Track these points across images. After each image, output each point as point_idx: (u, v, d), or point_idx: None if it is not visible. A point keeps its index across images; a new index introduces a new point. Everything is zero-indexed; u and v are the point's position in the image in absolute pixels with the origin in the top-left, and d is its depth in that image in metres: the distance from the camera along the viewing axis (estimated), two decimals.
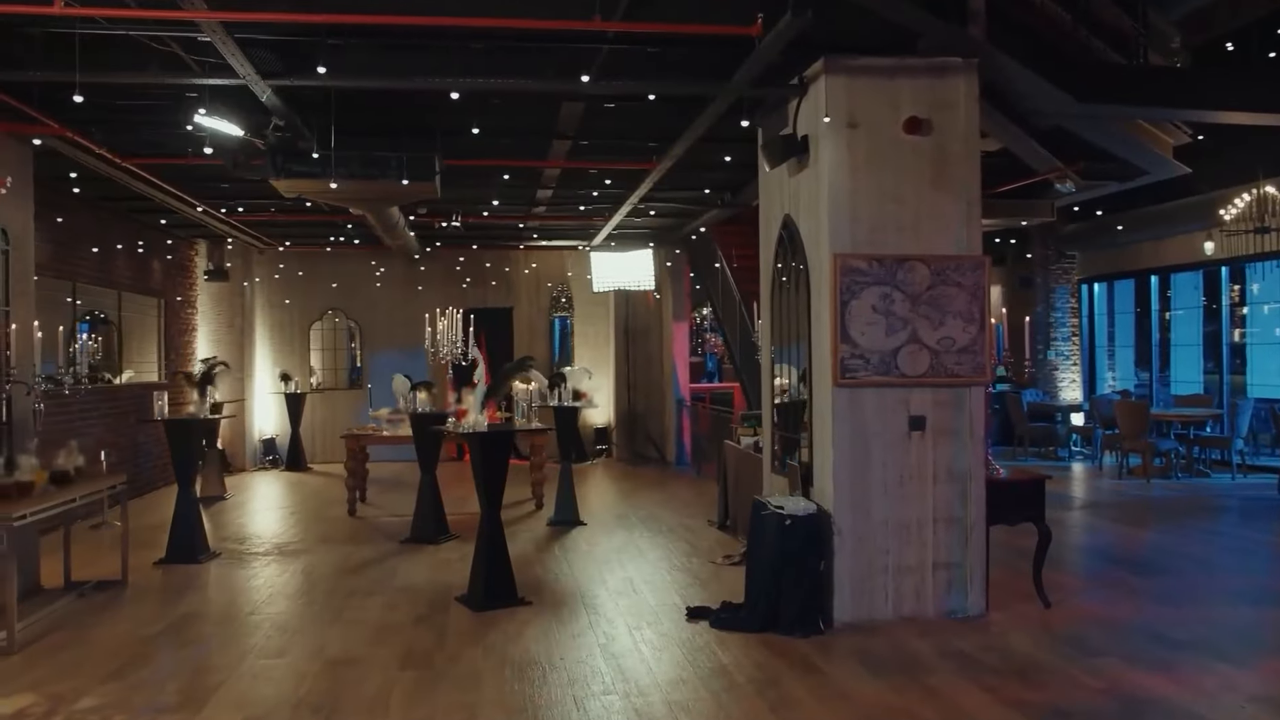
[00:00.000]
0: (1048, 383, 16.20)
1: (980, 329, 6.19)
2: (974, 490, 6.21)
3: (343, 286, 16.19)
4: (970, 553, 6.20)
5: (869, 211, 6.12)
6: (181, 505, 8.50)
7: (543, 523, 10.10)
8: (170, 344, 13.92)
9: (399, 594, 7.19)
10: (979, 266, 6.21)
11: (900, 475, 6.14)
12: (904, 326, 6.10)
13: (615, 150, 8.83)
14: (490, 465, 6.80)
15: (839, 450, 6.09)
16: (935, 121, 6.18)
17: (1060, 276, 16.38)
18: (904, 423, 6.14)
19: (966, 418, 6.20)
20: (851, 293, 6.05)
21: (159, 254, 13.37)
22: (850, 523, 6.09)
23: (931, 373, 6.13)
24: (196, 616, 6.63)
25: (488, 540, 6.82)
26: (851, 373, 6.05)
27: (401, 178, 7.59)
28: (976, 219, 6.25)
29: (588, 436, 16.43)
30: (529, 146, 8.64)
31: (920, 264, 6.12)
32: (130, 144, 8.02)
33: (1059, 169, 9.13)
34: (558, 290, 16.88)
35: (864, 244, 6.11)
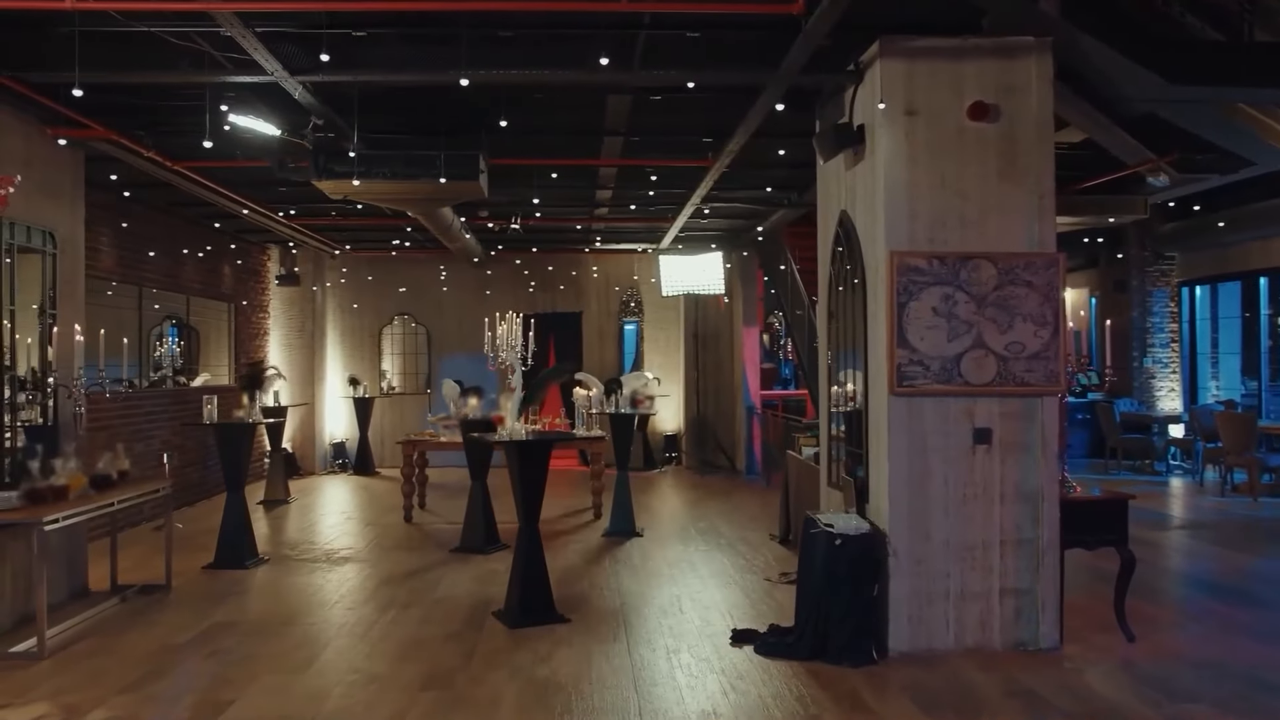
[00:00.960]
0: (1144, 392, 15.22)
1: (1054, 333, 5.64)
2: (1046, 510, 5.65)
3: (411, 291, 16.21)
4: (1042, 579, 5.64)
5: (929, 206, 5.63)
6: (230, 510, 8.44)
7: (598, 533, 9.78)
8: (241, 348, 14.08)
9: (436, 607, 6.96)
10: (1052, 265, 5.65)
11: (963, 493, 5.63)
12: (968, 330, 5.59)
13: (669, 147, 8.47)
14: (527, 475, 6.50)
15: (895, 465, 5.61)
16: (1003, 107, 5.65)
17: (1158, 279, 15.39)
18: (968, 435, 5.63)
19: (1038, 431, 5.65)
20: (910, 294, 5.57)
21: (229, 259, 13.53)
22: (907, 543, 5.60)
23: (999, 381, 5.61)
24: (229, 625, 6.49)
25: (525, 554, 6.52)
26: (909, 380, 5.57)
27: (444, 176, 7.37)
28: (1050, 213, 5.70)
29: (657, 444, 16.11)
30: (579, 144, 8.35)
31: (986, 262, 5.60)
32: (180, 148, 8.00)
33: (1150, 161, 8.42)
34: (627, 294, 16.59)
35: (923, 241, 5.62)
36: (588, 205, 11.25)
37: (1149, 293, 15.36)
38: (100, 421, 9.79)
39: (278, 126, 6.78)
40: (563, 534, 9.86)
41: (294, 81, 5.97)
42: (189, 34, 5.49)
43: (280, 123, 6.90)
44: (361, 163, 7.43)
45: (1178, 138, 8.02)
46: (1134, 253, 15.30)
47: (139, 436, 10.63)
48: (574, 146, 8.41)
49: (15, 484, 6.18)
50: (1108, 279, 15.96)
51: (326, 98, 6.66)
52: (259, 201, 10.42)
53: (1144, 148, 8.10)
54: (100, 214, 9.94)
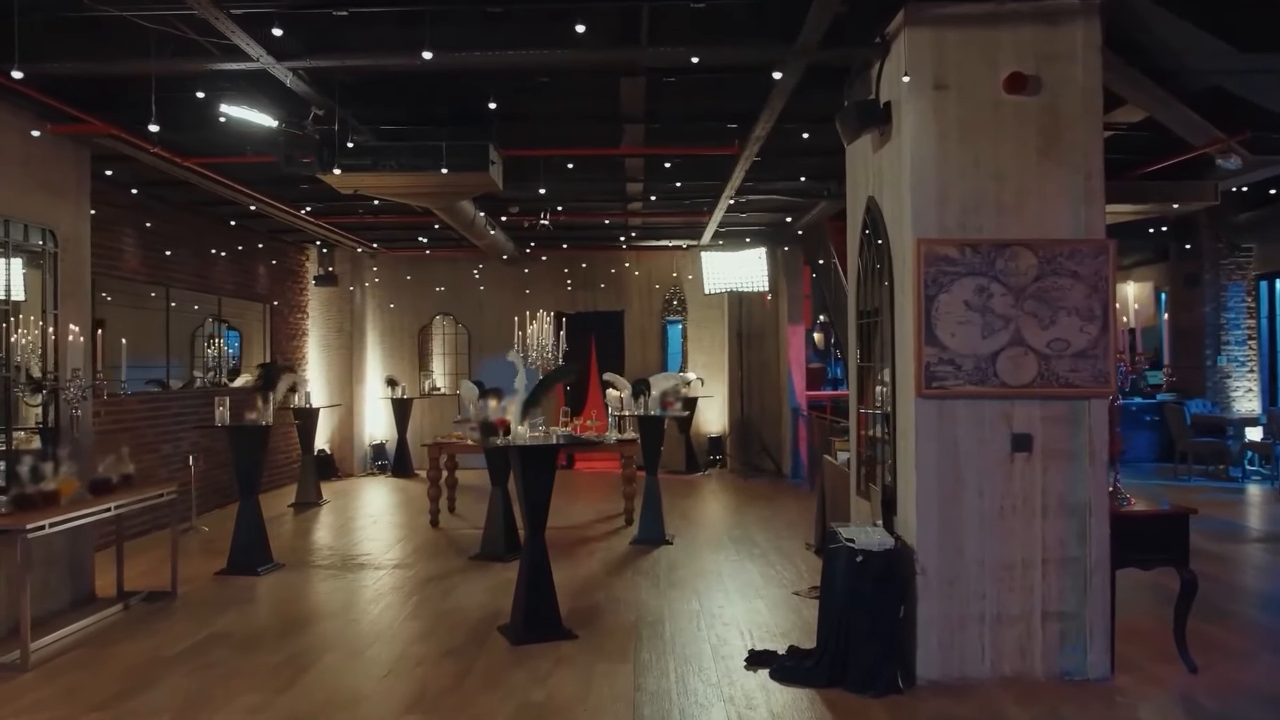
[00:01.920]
0: (1218, 392, 14.29)
1: (1103, 329, 5.07)
2: (1095, 525, 5.09)
3: (450, 290, 15.98)
4: (1090, 601, 5.08)
5: (961, 188, 5.10)
6: (243, 515, 8.23)
7: (626, 541, 9.37)
8: (278, 348, 13.99)
9: (441, 619, 6.62)
10: (1101, 253, 5.08)
11: (1000, 506, 5.09)
12: (1004, 326, 5.05)
13: (692, 135, 8.03)
14: (531, 482, 6.12)
15: (923, 474, 5.09)
16: (1045, 78, 5.10)
17: (1233, 272, 14.44)
18: (1005, 442, 5.09)
19: (1085, 437, 5.09)
20: (939, 285, 5.05)
21: (263, 259, 13.43)
22: (937, 561, 5.08)
23: (1040, 382, 5.06)
24: (225, 637, 6.23)
25: (530, 566, 6.14)
26: (939, 381, 5.05)
27: (450, 167, 7.03)
28: (1098, 195, 5.13)
29: (701, 446, 15.65)
30: (596, 133, 7.95)
31: (1025, 250, 5.05)
32: (190, 144, 7.80)
33: (1219, 141, 7.72)
34: (670, 293, 16.15)
35: (954, 228, 5.09)
36: (619, 199, 10.85)
37: (1223, 287, 14.42)
38: (123, 424, 9.70)
39: (275, 117, 6.50)
40: (590, 540, 9.48)
41: (281, 68, 5.68)
42: (168, 19, 5.22)
43: (280, 114, 6.62)
44: (367, 155, 7.13)
45: (1250, 114, 7.32)
46: (1206, 244, 14.38)
47: (166, 438, 10.53)
48: (592, 136, 8.01)
49: (7, 489, 5.99)
50: (1178, 273, 15.04)
51: (323, 86, 6.37)
52: (280, 199, 10.23)
53: (1211, 126, 7.41)
54: (123, 214, 9.86)
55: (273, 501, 12.32)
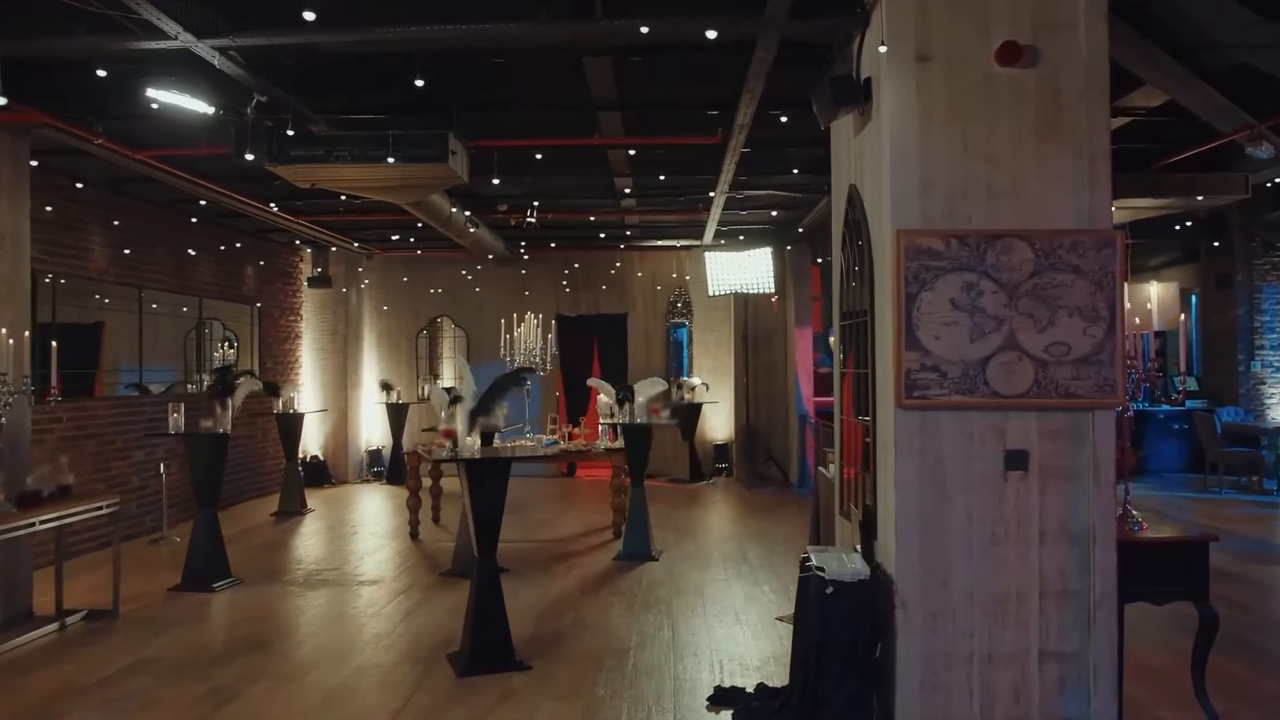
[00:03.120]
0: (1251, 399, 13.53)
1: (1109, 331, 4.47)
2: (1100, 554, 4.48)
3: (448, 292, 15.53)
4: (1095, 640, 4.47)
5: (947, 173, 4.52)
6: (199, 528, 7.78)
7: (610, 556, 8.83)
8: (268, 351, 13.60)
9: (391, 645, 6.12)
10: (1107, 245, 4.48)
11: (991, 531, 4.50)
12: (996, 328, 4.47)
13: (672, 124, 7.49)
14: (480, 500, 5.60)
15: (903, 495, 4.52)
16: (1043, 49, 4.51)
17: (1268, 273, 13.66)
18: (997, 459, 4.50)
19: (1088, 454, 4.49)
20: (921, 282, 4.48)
21: (250, 259, 13.03)
22: (919, 593, 4.50)
23: (1037, 391, 4.47)
24: (153, 663, 5.76)
25: (479, 592, 5.63)
26: (921, 390, 4.47)
27: (409, 158, 6.54)
28: (1104, 181, 4.53)
29: (706, 454, 15.09)
30: (569, 121, 7.43)
31: (1020, 242, 4.47)
32: (138, 134, 7.37)
33: (1248, 126, 7.08)
34: (674, 294, 15.60)
35: (939, 217, 4.52)
36: (609, 196, 10.32)
37: (1257, 288, 13.65)
38: (87, 430, 9.31)
39: (215, 104, 6.04)
40: (572, 555, 8.95)
41: (205, 47, 5.21)
42: None
43: (223, 101, 6.16)
44: (319, 145, 6.66)
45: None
46: (1240, 243, 13.62)
47: (139, 445, 10.12)
48: (564, 124, 7.49)
49: None
50: (1209, 274, 14.27)
51: (262, 70, 5.89)
52: (247, 194, 9.77)
53: (1239, 109, 6.77)
54: (88, 211, 9.47)
55: (255, 510, 11.94)
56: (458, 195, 9.94)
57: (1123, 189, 8.59)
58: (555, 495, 13.11)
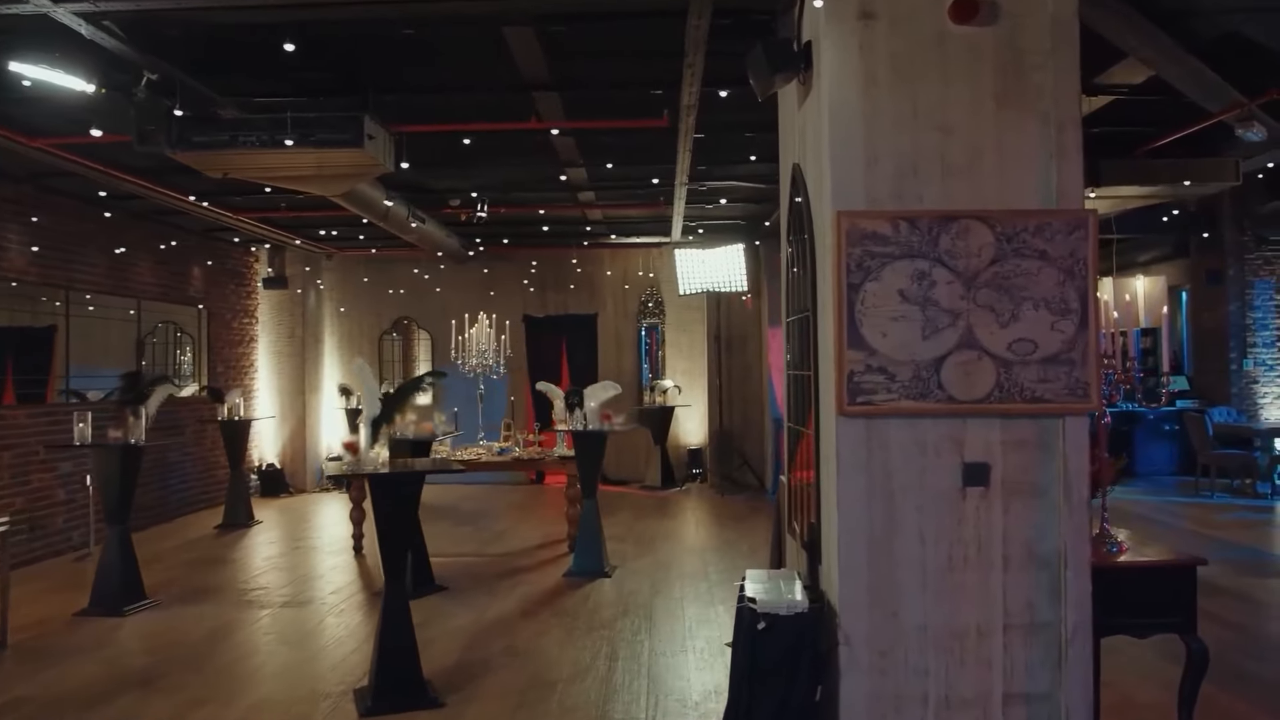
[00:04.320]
0: (1244, 399, 13.00)
1: (1081, 325, 3.90)
2: (1072, 580, 3.91)
3: (410, 293, 14.94)
4: (1067, 679, 3.90)
5: (895, 146, 3.95)
6: (109, 548, 7.18)
7: (560, 572, 8.24)
8: (218, 356, 12.99)
9: (299, 678, 5.54)
10: (1078, 227, 3.91)
11: (948, 555, 3.93)
12: (952, 323, 3.90)
13: (614, 106, 6.92)
14: (389, 519, 5.02)
15: (847, 515, 3.95)
16: (1002, 3, 3.95)
17: (1260, 268, 13.16)
18: (954, 473, 3.93)
19: (1058, 465, 3.92)
20: (865, 271, 3.91)
21: (196, 259, 12.42)
22: (866, 627, 3.92)
23: (999, 395, 3.90)
24: (22, 704, 5.16)
25: (386, 622, 5.04)
26: (866, 395, 3.90)
27: (319, 143, 5.96)
28: (1074, 153, 3.96)
29: (679, 460, 14.52)
30: (502, 104, 6.84)
31: (978, 224, 3.90)
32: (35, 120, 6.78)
33: (1239, 105, 6.53)
34: (645, 294, 15.03)
35: (886, 196, 3.95)
36: (563, 189, 9.73)
37: (1249, 283, 13.14)
38: (6, 440, 8.70)
39: (93, 82, 5.45)
40: (519, 571, 8.37)
41: (65, 13, 4.63)
42: None
43: (107, 80, 5.58)
44: (224, 130, 6.07)
45: (1276, 69, 6.13)
46: (1231, 237, 13.10)
47: (67, 456, 9.50)
48: (497, 107, 6.90)
49: None
50: (1199, 269, 13.74)
51: (145, 43, 5.31)
52: (177, 189, 9.16)
53: (1229, 86, 6.22)
54: (4, 208, 8.87)
55: (200, 522, 11.35)
56: (400, 189, 9.36)
57: (1106, 176, 8.04)
58: (518, 504, 12.53)
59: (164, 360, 12.30)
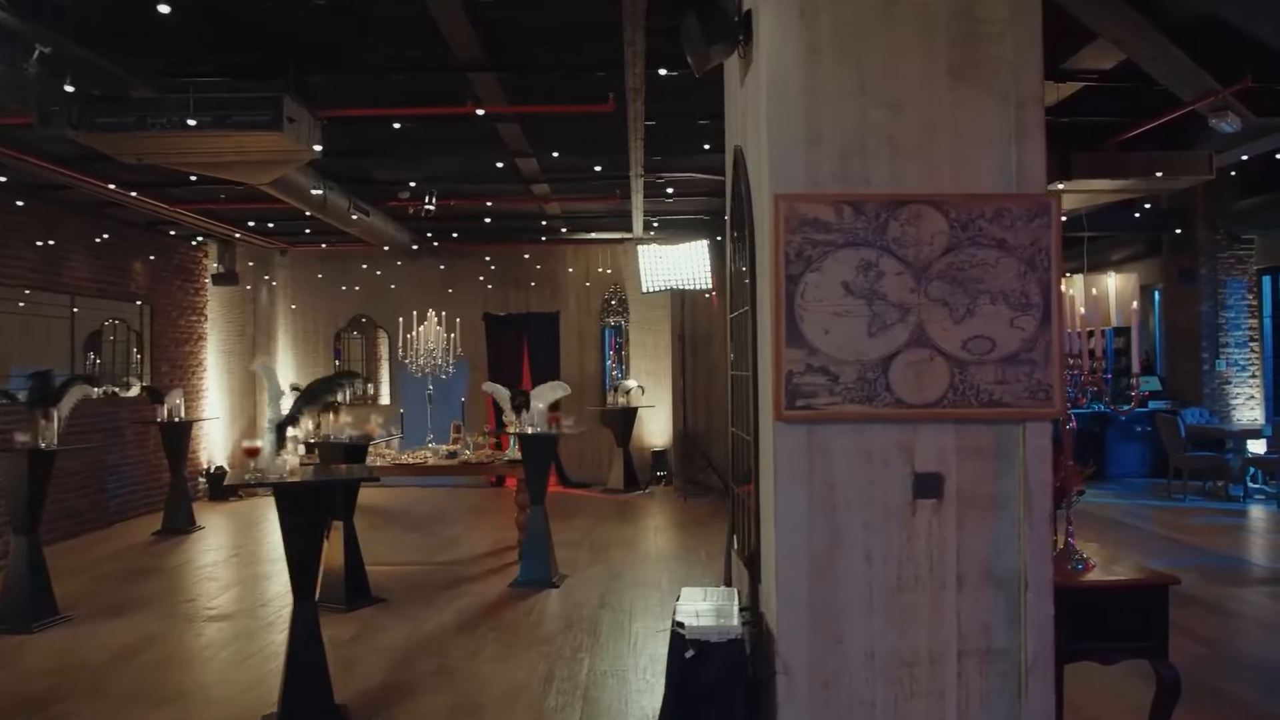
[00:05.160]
0: (1216, 400, 12.77)
1: (1043, 321, 3.55)
2: (1033, 602, 3.56)
3: (367, 291, 14.48)
4: (1027, 711, 3.54)
5: (839, 123, 3.58)
6: (16, 560, 6.71)
7: (506, 582, 7.83)
8: (162, 354, 12.47)
9: (205, 703, 5.11)
10: (1040, 214, 3.56)
11: (897, 575, 3.56)
12: (901, 318, 3.53)
13: (555, 89, 6.52)
14: (296, 532, 4.60)
15: (786, 531, 3.57)
16: None
17: (1233, 267, 12.93)
18: (904, 485, 3.56)
19: (1018, 475, 3.56)
20: (806, 260, 3.53)
21: (138, 254, 11.91)
22: (806, 654, 3.55)
23: (953, 398, 3.53)
24: None
25: (295, 645, 4.64)
26: (806, 398, 3.52)
27: (235, 125, 5.52)
28: (1036, 132, 3.60)
29: (643, 462, 14.14)
30: (438, 87, 6.42)
31: (931, 210, 3.53)
32: None
33: (1213, 93, 6.22)
34: (609, 291, 14.63)
35: (829, 178, 3.57)
36: (516, 180, 9.31)
37: (1221, 282, 12.91)
38: None
39: None
40: (464, 581, 7.95)
41: None
42: None
43: None
44: (130, 110, 5.62)
45: (1254, 55, 5.83)
46: (1204, 235, 12.86)
47: None
48: (433, 90, 6.48)
49: None
50: (1172, 268, 13.50)
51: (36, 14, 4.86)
52: (98, 177, 8.64)
53: (1203, 71, 5.90)
54: None
55: (139, 528, 10.85)
56: (341, 179, 8.93)
57: (1077, 168, 7.73)
58: (474, 508, 12.12)
59: (121, 359, 11.90)
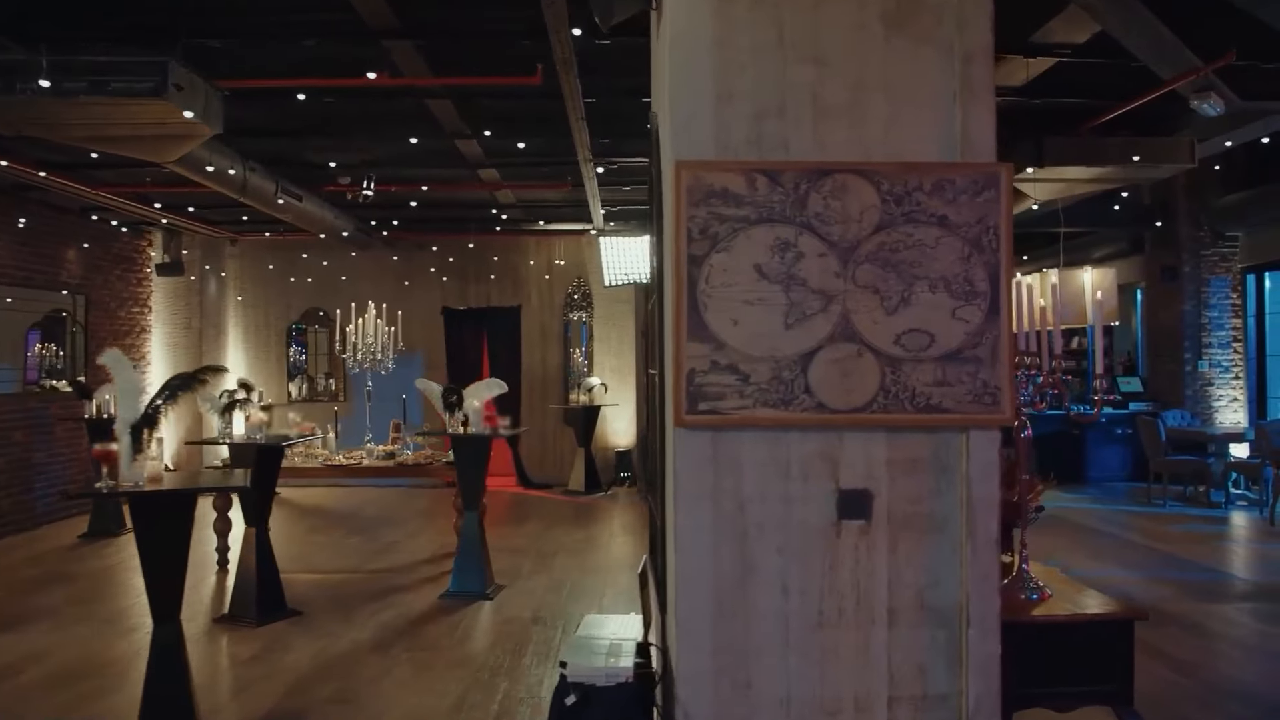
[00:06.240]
0: (1198, 402, 12.34)
1: (990, 312, 3.04)
2: (976, 640, 3.05)
3: (322, 284, 13.91)
4: None
5: (754, 80, 3.06)
6: None
7: (438, 593, 7.30)
8: (99, 347, 11.81)
9: None
10: (987, 186, 3.04)
11: (818, 609, 3.05)
12: (823, 308, 3.02)
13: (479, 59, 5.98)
14: (153, 547, 4.07)
15: (686, 556, 3.06)
16: None
17: (1217, 265, 12.50)
18: (827, 503, 3.05)
19: (960, 493, 3.05)
20: (712, 239, 3.01)
21: (70, 241, 11.31)
22: (711, 701, 3.03)
23: (884, 402, 3.02)
24: None
25: (154, 670, 4.10)
26: (711, 400, 3.01)
27: (119, 93, 4.96)
28: (983, 92, 3.09)
29: (606, 462, 13.62)
30: (351, 55, 5.87)
31: (860, 181, 3.02)
32: None
33: (1195, 70, 5.73)
34: (573, 285, 14.10)
35: (742, 144, 3.06)
36: (460, 164, 8.76)
37: (1205, 281, 12.48)
38: None
39: None
40: (394, 592, 7.42)
41: None
42: None
43: None
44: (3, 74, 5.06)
45: (1238, 28, 5.33)
46: (1186, 231, 12.42)
47: None
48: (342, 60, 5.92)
49: None
50: (1155, 266, 13.05)
51: None
52: None
53: (1183, 46, 5.41)
54: None
55: (66, 531, 10.26)
56: (270, 161, 8.36)
57: (1050, 155, 7.24)
58: (425, 511, 11.56)
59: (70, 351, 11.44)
